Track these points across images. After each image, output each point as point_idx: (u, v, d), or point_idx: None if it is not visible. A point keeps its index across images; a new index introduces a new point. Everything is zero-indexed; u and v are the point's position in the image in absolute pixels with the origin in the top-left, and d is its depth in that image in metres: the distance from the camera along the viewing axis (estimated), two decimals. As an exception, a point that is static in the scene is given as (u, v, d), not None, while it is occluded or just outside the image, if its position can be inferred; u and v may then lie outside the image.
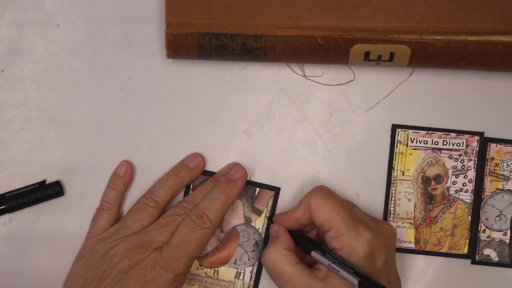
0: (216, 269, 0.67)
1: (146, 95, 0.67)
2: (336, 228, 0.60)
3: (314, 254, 0.61)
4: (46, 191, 0.66)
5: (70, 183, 0.67)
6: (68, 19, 0.67)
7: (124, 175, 0.66)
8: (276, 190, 0.67)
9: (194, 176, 0.66)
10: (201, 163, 0.66)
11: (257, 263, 0.67)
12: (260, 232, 0.67)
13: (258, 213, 0.67)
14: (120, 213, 0.66)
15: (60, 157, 0.67)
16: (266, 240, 0.67)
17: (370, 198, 0.67)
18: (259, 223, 0.67)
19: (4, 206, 0.66)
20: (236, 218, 0.67)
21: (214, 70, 0.67)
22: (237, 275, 0.67)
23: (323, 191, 0.62)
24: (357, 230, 0.59)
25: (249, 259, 0.67)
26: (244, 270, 0.67)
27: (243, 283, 0.67)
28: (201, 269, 0.67)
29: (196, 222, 0.62)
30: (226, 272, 0.67)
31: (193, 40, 0.62)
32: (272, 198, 0.67)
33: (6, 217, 0.67)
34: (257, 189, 0.67)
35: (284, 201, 0.67)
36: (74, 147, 0.67)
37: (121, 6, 0.66)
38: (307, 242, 0.62)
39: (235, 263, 0.67)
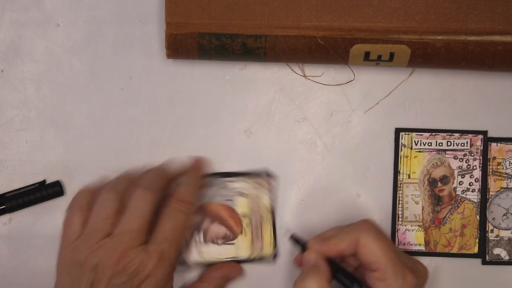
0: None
1: (146, 95, 0.67)
2: (384, 271, 0.59)
3: None
4: (46, 191, 0.66)
5: (70, 183, 0.67)
6: (68, 19, 0.67)
7: (99, 182, 0.64)
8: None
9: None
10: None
11: (224, 180, 0.67)
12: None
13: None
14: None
15: (60, 157, 0.67)
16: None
17: (371, 199, 0.67)
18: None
19: (4, 206, 0.66)
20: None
21: (214, 70, 0.67)
22: (242, 195, 0.67)
23: (374, 230, 0.61)
24: (404, 275, 0.59)
25: (222, 187, 0.67)
26: (234, 189, 0.67)
27: (249, 186, 0.67)
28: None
29: (177, 209, 0.61)
30: (241, 206, 0.67)
31: (193, 40, 0.62)
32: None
33: (6, 217, 0.67)
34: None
35: (286, 197, 0.67)
36: (74, 147, 0.67)
37: (121, 6, 0.66)
38: (349, 278, 0.61)
39: (231, 200, 0.67)
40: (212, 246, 0.67)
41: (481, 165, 0.67)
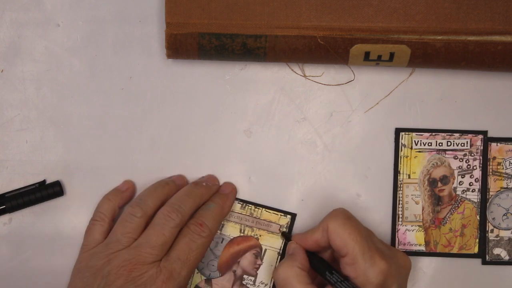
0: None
1: (146, 95, 0.67)
2: (352, 255, 0.59)
3: (329, 277, 0.61)
4: (46, 191, 0.66)
5: (70, 183, 0.67)
6: (68, 19, 0.67)
7: (125, 191, 0.66)
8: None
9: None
10: (184, 180, 0.66)
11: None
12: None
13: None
14: (112, 224, 0.64)
15: (60, 157, 0.67)
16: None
17: (371, 199, 0.67)
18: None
19: (4, 206, 0.66)
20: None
21: (214, 70, 0.67)
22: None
23: (342, 215, 0.61)
24: (373, 259, 0.59)
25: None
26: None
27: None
28: None
29: (195, 231, 0.62)
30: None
31: (193, 40, 0.62)
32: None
33: (6, 217, 0.67)
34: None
35: (286, 197, 0.67)
36: (74, 147, 0.67)
37: (121, 6, 0.66)
38: (322, 264, 0.62)
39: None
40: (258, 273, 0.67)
41: (481, 165, 0.67)
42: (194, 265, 0.62)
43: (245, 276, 0.67)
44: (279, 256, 0.67)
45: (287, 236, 0.66)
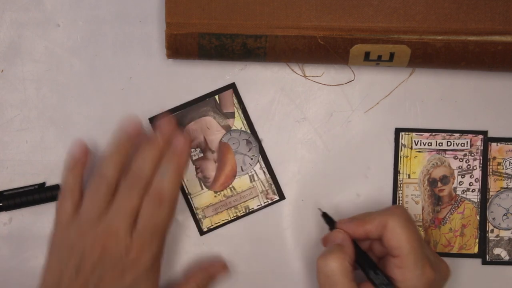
0: (230, 186, 0.67)
1: (146, 95, 0.67)
2: (406, 259, 0.59)
3: (373, 276, 0.60)
4: (45, 193, 0.66)
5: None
6: (68, 19, 0.67)
7: (82, 157, 0.64)
8: (233, 87, 0.66)
9: (135, 143, 0.64)
10: (139, 127, 0.64)
11: (260, 157, 0.67)
12: (245, 130, 0.66)
13: (231, 115, 0.67)
14: (81, 194, 0.64)
15: (60, 157, 0.67)
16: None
17: (371, 199, 0.67)
18: (238, 123, 0.67)
19: (1, 204, 0.65)
20: (217, 133, 0.67)
21: (214, 70, 0.67)
22: (251, 178, 0.67)
23: (404, 215, 0.60)
24: (424, 268, 0.59)
25: (251, 159, 0.67)
26: (254, 170, 0.67)
27: (261, 181, 0.67)
28: (218, 195, 0.67)
29: (156, 205, 0.61)
30: (240, 182, 0.67)
31: (193, 40, 0.62)
32: (233, 95, 0.66)
33: (6, 217, 0.67)
34: (217, 97, 0.66)
35: (286, 196, 0.67)
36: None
37: (121, 6, 0.66)
38: (368, 262, 0.61)
39: (242, 170, 0.67)
40: (192, 169, 0.67)
41: (481, 165, 0.67)
42: (163, 233, 0.62)
43: None
44: None
45: (330, 220, 0.64)
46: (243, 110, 0.66)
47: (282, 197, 0.67)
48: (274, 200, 0.67)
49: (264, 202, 0.67)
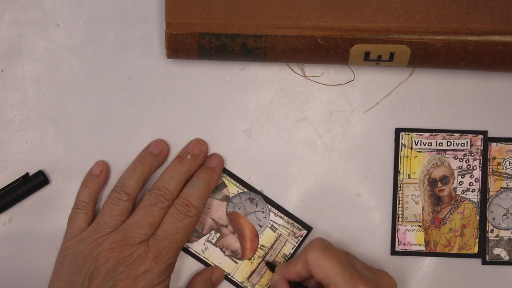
0: (259, 247, 0.67)
1: (146, 95, 0.67)
2: (335, 285, 0.60)
3: None
4: (31, 182, 0.66)
5: (70, 183, 0.67)
6: (68, 19, 0.67)
7: (99, 175, 0.66)
8: (308, 230, 0.67)
9: (160, 163, 0.66)
10: (165, 149, 0.66)
11: (269, 206, 0.67)
12: (242, 191, 0.66)
13: (223, 186, 0.67)
14: (95, 211, 0.65)
15: (60, 157, 0.67)
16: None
17: (371, 199, 0.67)
18: (232, 188, 0.67)
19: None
20: (220, 208, 0.67)
21: (214, 70, 0.67)
22: (273, 228, 0.67)
23: (320, 246, 0.62)
24: (355, 286, 0.60)
25: (262, 212, 0.67)
26: (271, 220, 0.67)
27: (283, 226, 0.67)
28: (253, 260, 0.67)
29: (182, 211, 0.62)
30: (266, 237, 0.67)
31: (193, 40, 0.62)
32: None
33: (6, 217, 0.67)
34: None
35: (286, 197, 0.67)
36: (74, 147, 0.67)
37: (121, 6, 0.66)
38: None
39: (260, 226, 0.67)
40: (218, 251, 0.67)
41: (481, 165, 0.67)
42: (181, 244, 0.62)
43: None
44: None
45: (271, 266, 0.67)
46: (229, 174, 0.67)
47: (308, 228, 0.67)
48: (304, 236, 0.67)
49: (296, 242, 0.67)
